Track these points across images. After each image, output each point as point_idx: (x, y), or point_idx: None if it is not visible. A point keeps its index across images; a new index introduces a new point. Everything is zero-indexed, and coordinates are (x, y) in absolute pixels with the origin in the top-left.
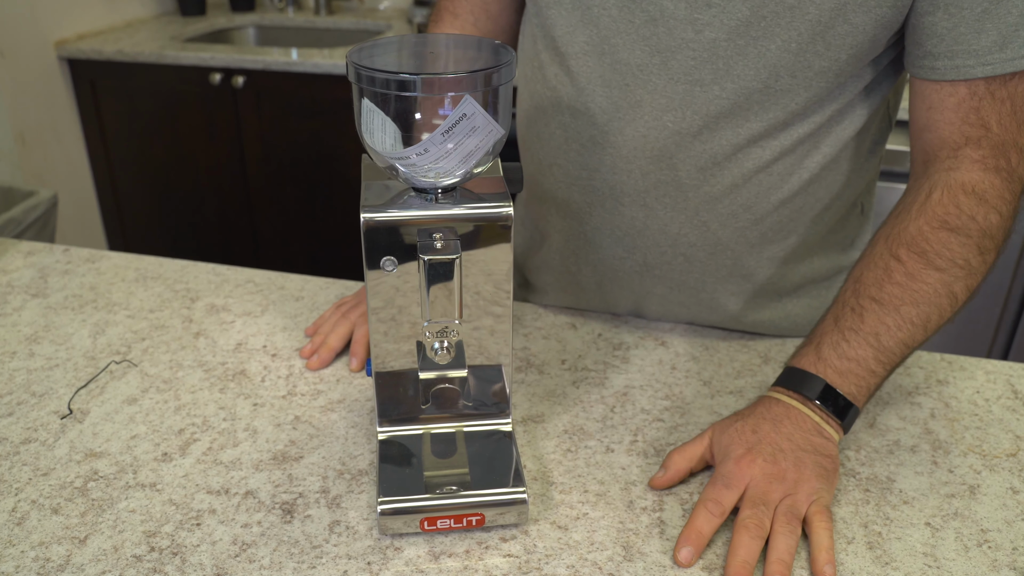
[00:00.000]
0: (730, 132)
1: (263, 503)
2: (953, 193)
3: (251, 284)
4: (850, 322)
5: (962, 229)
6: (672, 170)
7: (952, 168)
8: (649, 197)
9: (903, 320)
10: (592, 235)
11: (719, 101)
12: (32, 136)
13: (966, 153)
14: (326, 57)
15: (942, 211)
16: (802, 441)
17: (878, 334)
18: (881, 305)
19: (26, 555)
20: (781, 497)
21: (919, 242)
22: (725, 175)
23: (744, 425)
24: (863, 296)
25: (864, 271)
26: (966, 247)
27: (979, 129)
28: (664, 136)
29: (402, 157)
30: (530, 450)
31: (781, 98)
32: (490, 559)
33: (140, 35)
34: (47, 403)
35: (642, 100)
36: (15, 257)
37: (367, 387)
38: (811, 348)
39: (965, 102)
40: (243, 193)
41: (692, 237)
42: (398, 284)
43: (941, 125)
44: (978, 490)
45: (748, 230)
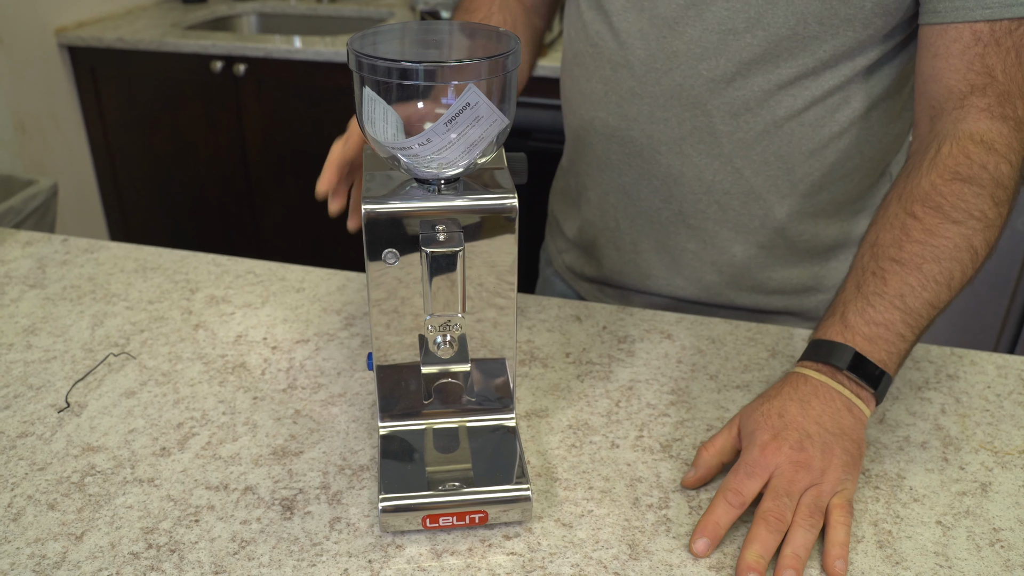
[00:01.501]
0: (761, 79)
1: (262, 499)
2: (962, 144)
3: (251, 275)
4: (873, 286)
5: (975, 179)
6: (707, 116)
7: (959, 119)
8: (685, 144)
9: (927, 279)
10: (630, 187)
11: (751, 48)
12: (32, 124)
13: (972, 102)
14: (328, 45)
15: (952, 163)
16: (831, 424)
17: (903, 295)
18: (902, 265)
19: (22, 552)
20: (806, 487)
21: (933, 196)
22: (757, 121)
23: (770, 408)
24: (882, 258)
25: (880, 233)
26: (980, 198)
27: (984, 77)
28: (699, 84)
29: (404, 147)
30: (534, 445)
31: (810, 44)
32: (493, 557)
33: (141, 22)
34: (44, 396)
35: (678, 50)
36: (13, 247)
37: (368, 380)
38: (836, 318)
39: (970, 48)
40: (244, 182)
41: (726, 184)
42: (400, 276)
43: (946, 73)
44: (990, 488)
45: (780, 179)
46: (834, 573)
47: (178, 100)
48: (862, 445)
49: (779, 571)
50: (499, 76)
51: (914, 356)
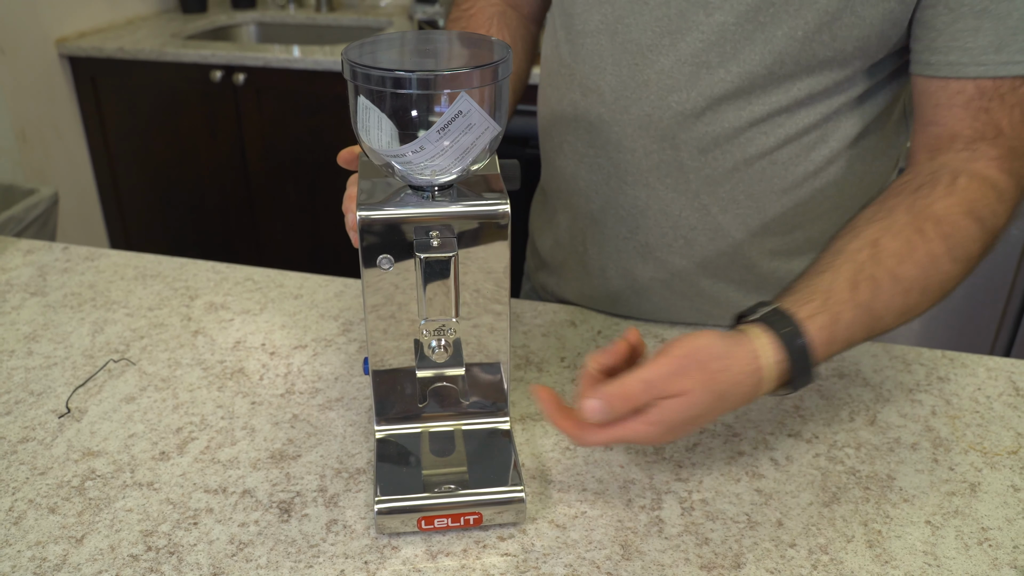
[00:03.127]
0: (732, 115)
1: (260, 502)
2: (979, 183)
3: (250, 282)
4: (866, 295)
5: (985, 221)
6: (674, 150)
7: (971, 160)
8: (651, 177)
9: (905, 306)
10: (597, 214)
11: (723, 84)
12: (33, 134)
13: (983, 149)
14: (327, 54)
15: (971, 196)
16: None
17: (882, 318)
18: (896, 284)
19: (23, 555)
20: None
21: (946, 223)
22: (727, 158)
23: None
24: (882, 266)
25: (883, 236)
26: (981, 242)
27: (992, 128)
28: (668, 116)
29: (398, 155)
30: (528, 448)
31: (784, 83)
32: (488, 558)
33: (141, 32)
34: (45, 402)
35: (649, 80)
36: (14, 255)
37: (365, 385)
38: (828, 317)
39: (974, 101)
40: (244, 191)
41: (693, 220)
42: (396, 282)
43: (950, 120)
44: (979, 488)
45: (750, 218)
46: (585, 407)
47: (178, 109)
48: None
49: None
50: (491, 84)
51: (905, 359)
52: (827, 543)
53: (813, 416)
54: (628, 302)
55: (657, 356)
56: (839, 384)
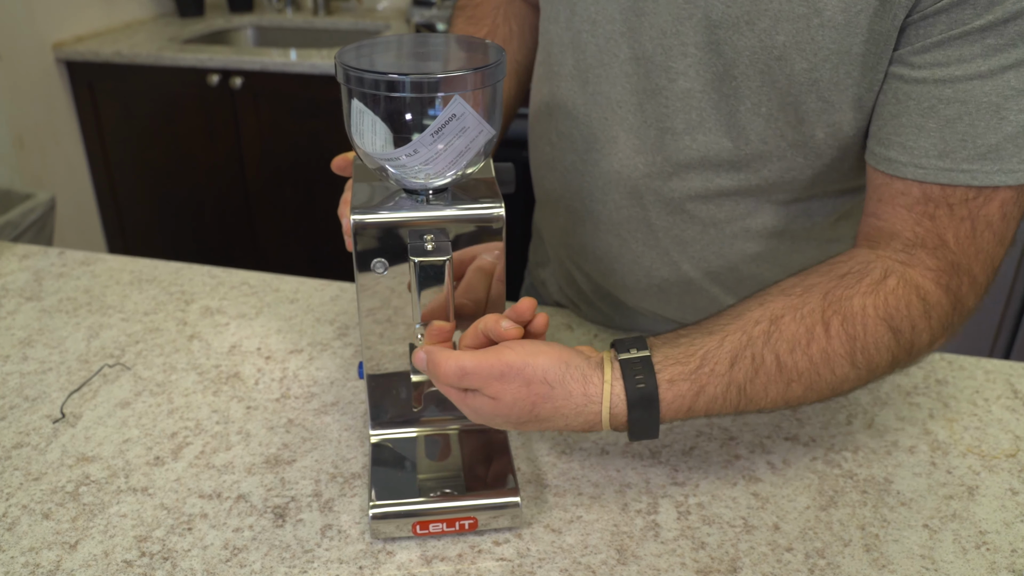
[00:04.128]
0: (699, 184)
1: (255, 507)
2: (908, 291)
3: (246, 286)
4: (742, 374)
5: (900, 333)
6: (642, 209)
7: (907, 263)
8: (623, 229)
9: (781, 396)
10: (577, 254)
11: (689, 152)
12: (30, 138)
13: (921, 257)
14: (324, 57)
15: (894, 302)
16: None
17: (753, 400)
18: (780, 372)
19: (16, 561)
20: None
21: (856, 324)
22: (695, 222)
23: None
24: (770, 347)
25: (786, 315)
26: (889, 352)
27: (935, 238)
28: (636, 176)
29: (392, 158)
30: (524, 452)
31: (753, 163)
32: (483, 563)
33: (138, 36)
34: (40, 407)
35: (618, 137)
36: (10, 260)
37: (361, 389)
38: (692, 387)
39: (919, 205)
40: (242, 195)
41: (664, 273)
42: (391, 285)
43: (893, 220)
44: (977, 491)
45: (723, 275)
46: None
47: (175, 114)
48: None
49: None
50: (485, 87)
51: None
52: (824, 547)
53: (810, 419)
54: (621, 319)
55: (489, 351)
56: None
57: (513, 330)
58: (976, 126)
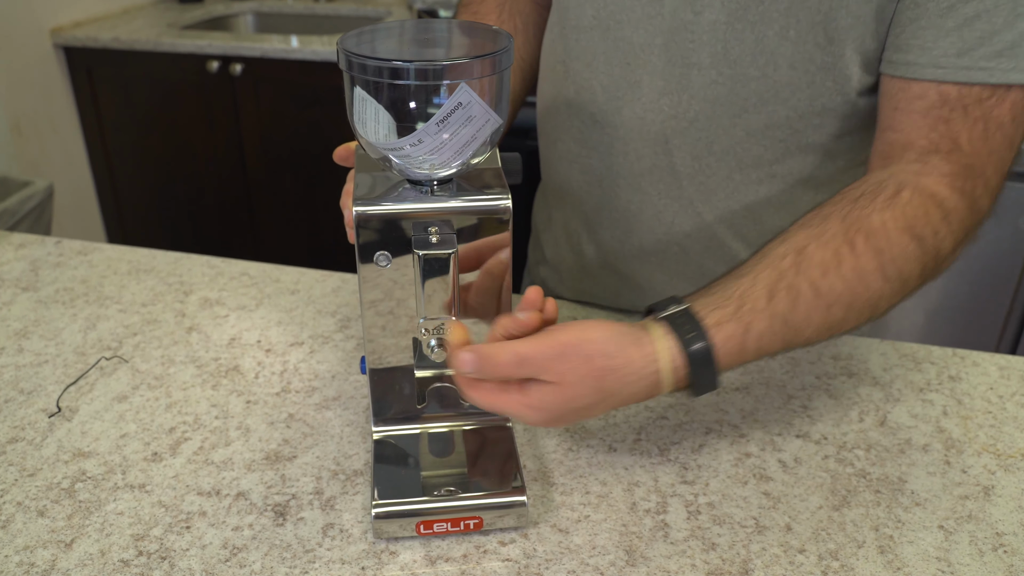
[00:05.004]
0: (727, 121)
1: (255, 505)
2: (924, 199)
3: (246, 277)
4: (783, 305)
5: (923, 241)
6: (667, 155)
7: (920, 173)
8: (644, 182)
9: (826, 321)
10: (591, 216)
11: (716, 87)
12: (28, 125)
13: (935, 163)
14: (326, 44)
15: (911, 212)
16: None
17: (800, 331)
18: (818, 297)
19: (10, 560)
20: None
21: (880, 238)
22: (721, 166)
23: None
24: (803, 277)
25: (810, 244)
26: (918, 261)
27: (948, 142)
28: (660, 120)
29: (395, 148)
30: (530, 449)
31: (782, 92)
32: (488, 563)
33: (137, 22)
34: (35, 401)
35: (641, 81)
36: (6, 249)
37: (363, 384)
38: (738, 327)
39: (934, 109)
40: (242, 183)
41: (687, 227)
42: (394, 277)
43: (907, 127)
44: (993, 491)
45: (746, 228)
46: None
47: (175, 100)
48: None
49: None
50: (492, 75)
51: (915, 357)
52: (837, 549)
53: (822, 416)
54: (629, 298)
55: (540, 335)
56: (848, 383)
57: (534, 317)
58: (994, 23)
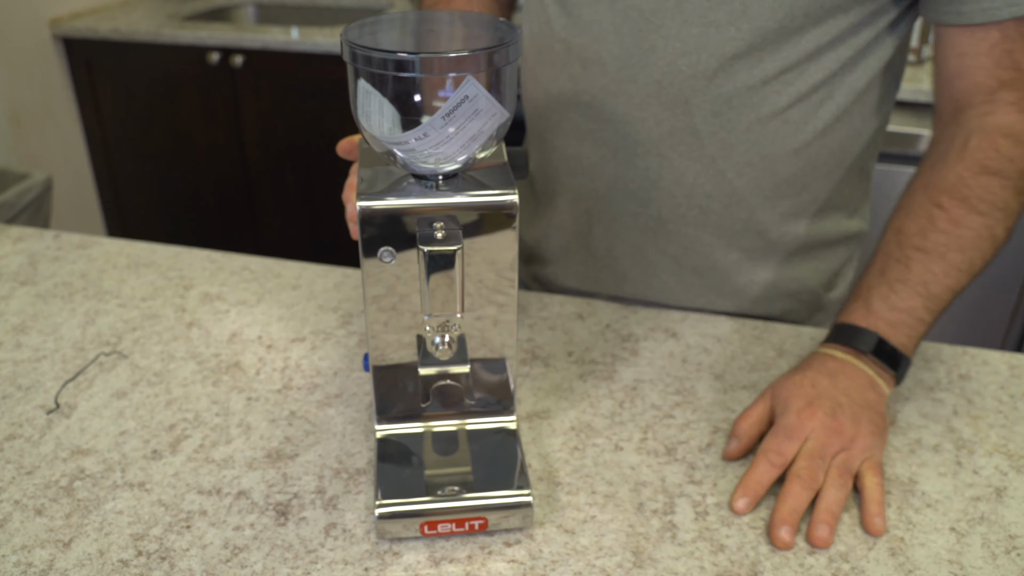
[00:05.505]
0: (745, 74)
1: (256, 504)
2: (991, 137)
3: (247, 271)
4: (897, 273)
5: (1002, 172)
6: (687, 115)
7: (987, 113)
8: (664, 146)
9: (949, 267)
10: (605, 191)
11: (734, 43)
12: (26, 117)
13: (1001, 96)
14: (327, 36)
15: (982, 156)
16: (858, 397)
17: (926, 283)
18: (927, 254)
19: (7, 559)
20: (837, 451)
21: (960, 188)
22: (741, 119)
23: (803, 379)
24: (907, 247)
25: (905, 221)
26: (1006, 189)
27: (1013, 72)
28: (679, 81)
29: (400, 142)
30: (535, 448)
31: (794, 36)
32: (493, 565)
33: (136, 13)
34: (33, 397)
35: (655, 45)
36: (4, 242)
37: (365, 381)
38: (860, 303)
39: (998, 46)
40: (242, 176)
41: (708, 187)
42: (398, 273)
43: (974, 71)
44: (1005, 493)
45: (763, 180)
46: (874, 528)
47: (174, 92)
48: (886, 418)
49: (813, 526)
50: (500, 68)
51: (925, 355)
52: (848, 551)
53: None
54: (636, 282)
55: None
56: None
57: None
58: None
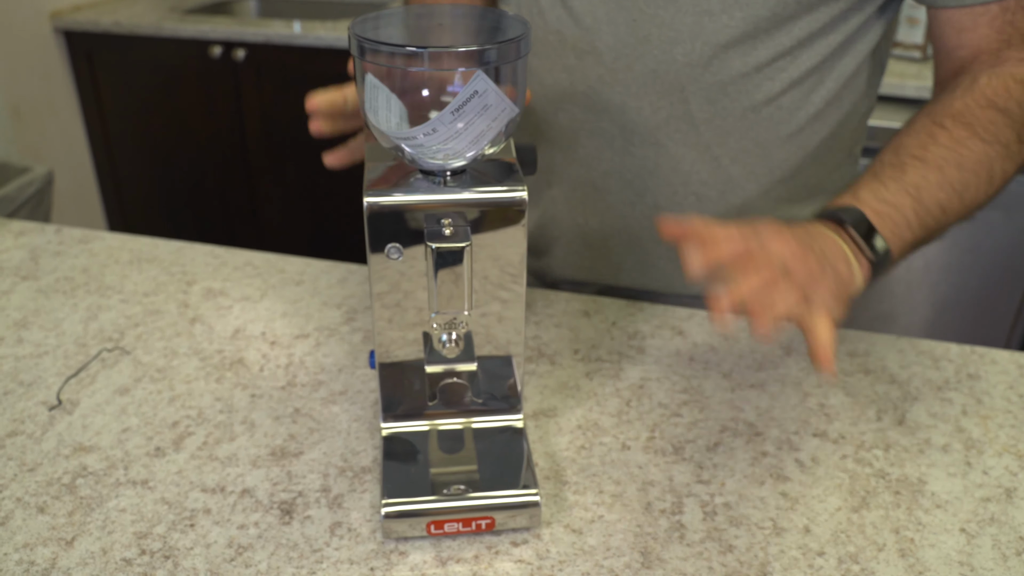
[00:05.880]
0: (739, 62)
1: (260, 502)
2: (1002, 78)
3: (250, 267)
4: (890, 173)
5: (1009, 111)
6: (683, 104)
7: (996, 63)
8: (660, 134)
9: (944, 180)
10: (600, 182)
11: (728, 30)
12: (27, 110)
13: (1008, 54)
14: (329, 30)
15: (991, 92)
16: (832, 259)
17: (919, 187)
18: (924, 163)
19: (9, 558)
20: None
21: (965, 115)
22: (735, 106)
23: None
24: (904, 155)
25: (904, 138)
26: (1010, 128)
27: (1018, 35)
28: (674, 69)
29: (408, 137)
30: (542, 447)
31: (786, 24)
32: (500, 565)
33: (138, 6)
34: (35, 393)
35: (650, 35)
36: (5, 237)
37: (371, 378)
38: (848, 194)
39: (998, 18)
40: (244, 170)
41: (704, 174)
42: (404, 269)
43: (976, 41)
44: (1015, 493)
45: (757, 166)
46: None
47: (176, 86)
48: (848, 299)
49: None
50: (509, 62)
51: (933, 355)
52: (857, 552)
53: (839, 415)
54: (632, 272)
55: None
56: (865, 381)
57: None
58: None
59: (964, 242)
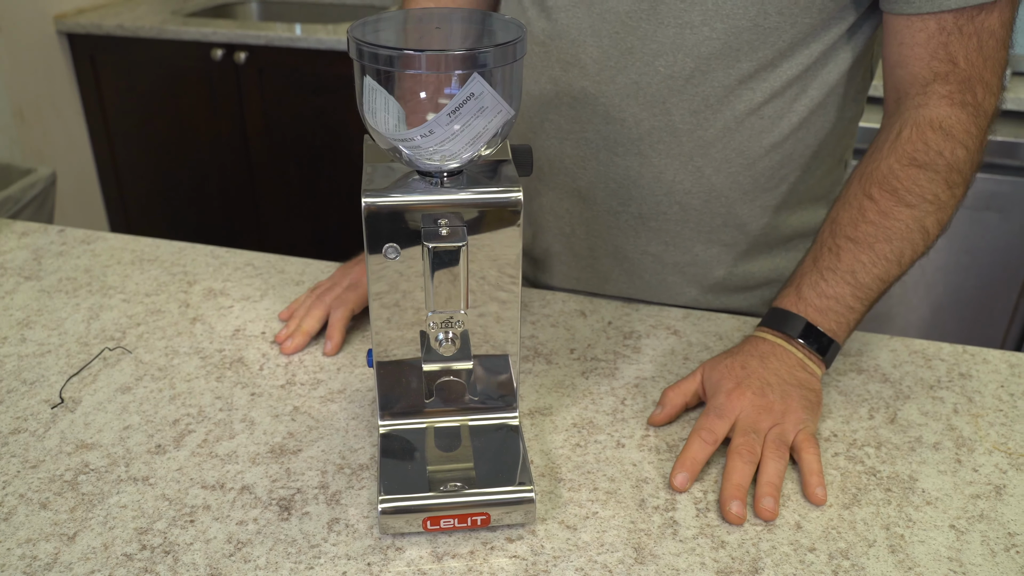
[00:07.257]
0: (721, 73)
1: (259, 499)
2: (921, 130)
3: (250, 267)
4: (827, 261)
5: (930, 165)
6: (666, 115)
7: (920, 105)
8: (643, 144)
9: (877, 257)
10: (586, 190)
11: (710, 42)
12: (31, 112)
13: (934, 89)
14: (330, 32)
15: (911, 148)
16: (788, 376)
17: (854, 271)
18: (856, 244)
19: (12, 552)
20: (770, 426)
21: (890, 180)
22: (718, 118)
23: (733, 361)
24: (839, 236)
25: (840, 211)
26: (935, 182)
27: (947, 64)
28: (656, 81)
29: (405, 139)
30: (537, 444)
31: (769, 36)
32: (495, 560)
33: (141, 9)
34: (38, 391)
35: (633, 47)
36: (9, 238)
37: (369, 377)
38: (792, 289)
39: (934, 37)
40: (246, 171)
41: (687, 184)
42: (401, 269)
43: (911, 60)
44: (1004, 491)
45: (741, 175)
46: (816, 499)
47: (179, 88)
48: (819, 394)
49: (758, 499)
50: (505, 65)
51: (926, 354)
52: (848, 548)
53: (831, 413)
54: (618, 282)
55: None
56: (857, 380)
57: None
58: None
59: (961, 243)
